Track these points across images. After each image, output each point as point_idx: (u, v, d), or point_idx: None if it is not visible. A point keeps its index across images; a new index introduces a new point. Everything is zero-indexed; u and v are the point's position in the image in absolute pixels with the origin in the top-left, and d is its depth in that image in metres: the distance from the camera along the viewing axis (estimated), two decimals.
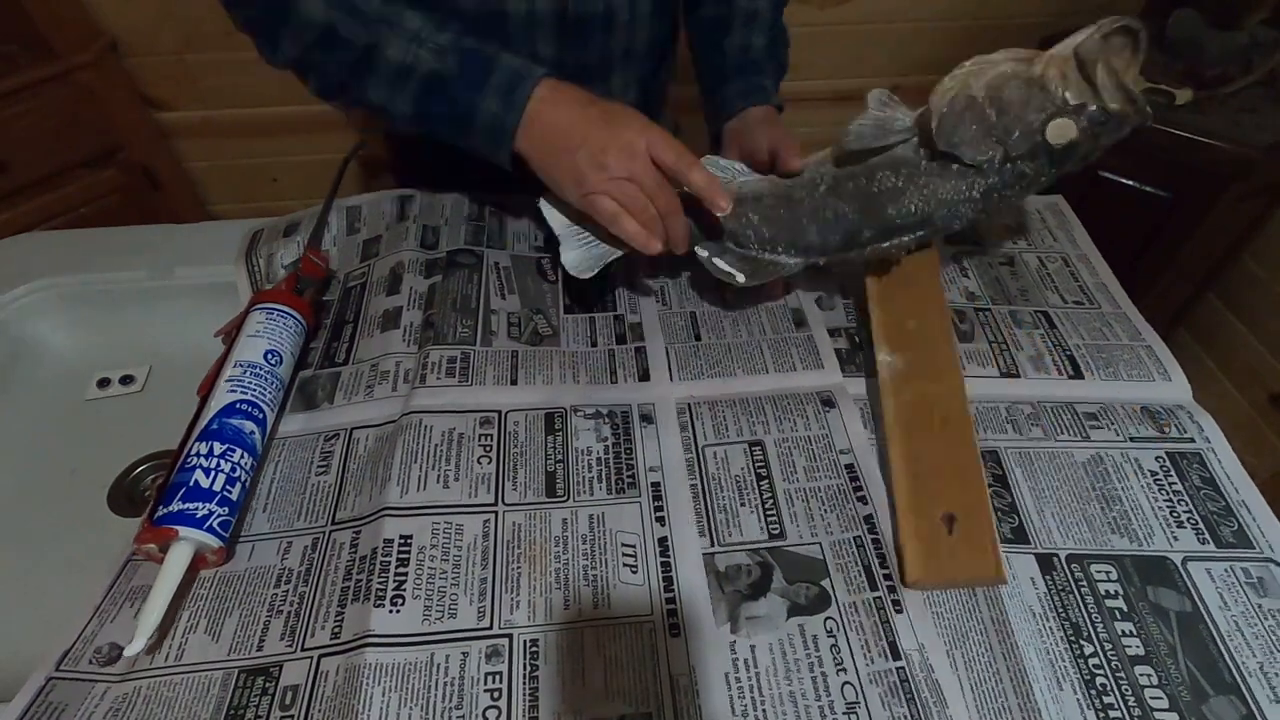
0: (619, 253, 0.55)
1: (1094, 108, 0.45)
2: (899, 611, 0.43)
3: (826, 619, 0.42)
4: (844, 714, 0.39)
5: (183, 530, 0.43)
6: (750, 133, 0.64)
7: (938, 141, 0.48)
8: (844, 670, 0.41)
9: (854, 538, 0.46)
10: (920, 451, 0.46)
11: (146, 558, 0.45)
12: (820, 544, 0.46)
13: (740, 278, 0.55)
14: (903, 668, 0.41)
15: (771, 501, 0.48)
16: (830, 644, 0.42)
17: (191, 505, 0.43)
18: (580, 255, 0.55)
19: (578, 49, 0.59)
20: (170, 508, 0.43)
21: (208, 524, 0.43)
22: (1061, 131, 0.46)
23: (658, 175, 0.51)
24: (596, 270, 0.55)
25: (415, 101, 0.53)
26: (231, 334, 0.54)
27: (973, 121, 0.47)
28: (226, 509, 0.45)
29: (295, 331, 0.55)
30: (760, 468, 0.50)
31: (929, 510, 0.44)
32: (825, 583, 0.44)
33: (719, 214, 0.53)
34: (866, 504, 0.47)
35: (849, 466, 0.49)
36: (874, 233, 0.52)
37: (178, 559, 0.42)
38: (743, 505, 0.48)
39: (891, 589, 0.44)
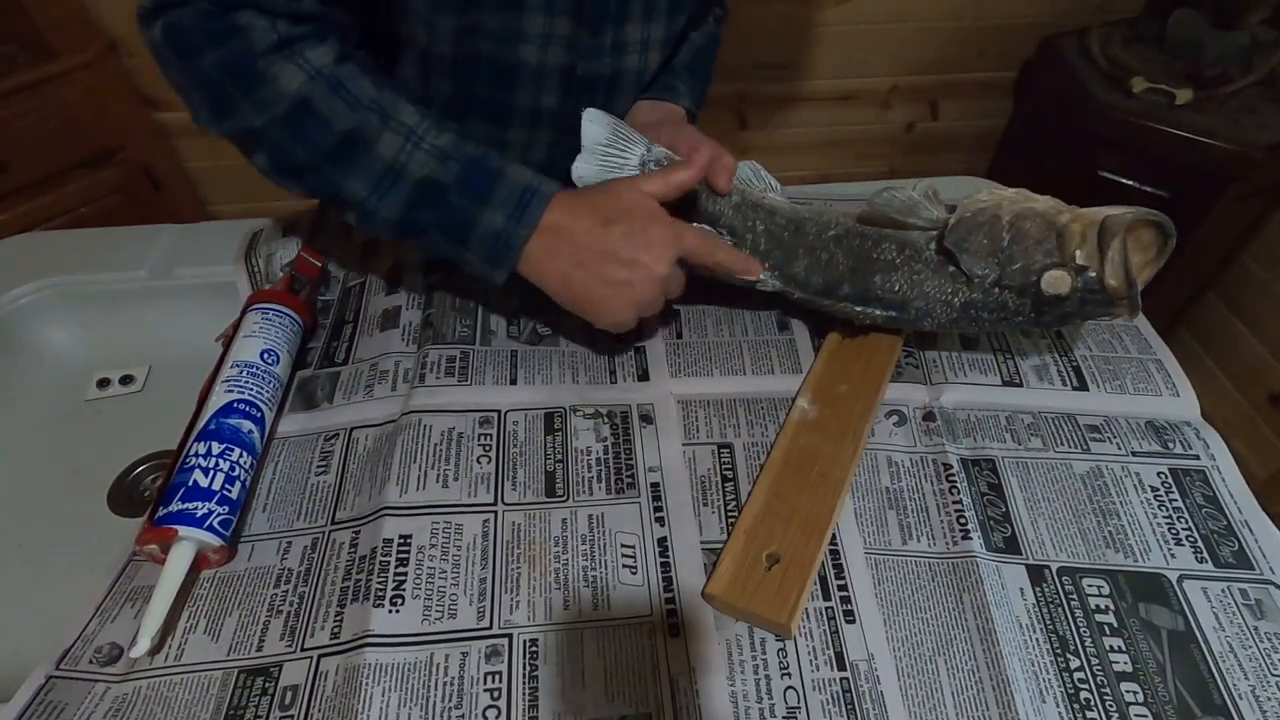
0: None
1: (1093, 274, 0.47)
2: (850, 622, 0.43)
3: None
4: (784, 718, 0.39)
5: (183, 530, 0.43)
6: (676, 131, 0.60)
7: (946, 238, 0.50)
8: (788, 675, 0.41)
9: None
10: (785, 492, 0.47)
11: (149, 558, 0.45)
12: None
13: None
14: (847, 678, 0.41)
15: (735, 504, 0.48)
16: (778, 648, 0.42)
17: (191, 505, 0.44)
18: (594, 172, 0.55)
19: (582, 104, 0.59)
20: (170, 508, 0.43)
21: (208, 523, 0.43)
22: (1055, 282, 0.47)
23: (681, 279, 0.52)
24: None
25: (403, 207, 0.47)
26: (229, 337, 0.54)
27: (986, 237, 0.49)
28: (226, 508, 0.45)
29: (292, 331, 0.55)
30: (726, 469, 0.50)
31: (760, 542, 0.44)
32: None
33: (723, 200, 0.55)
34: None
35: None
36: (852, 292, 0.53)
37: (179, 559, 0.42)
38: (705, 505, 0.48)
39: (845, 599, 0.44)
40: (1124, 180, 1.21)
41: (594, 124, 0.55)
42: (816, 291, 0.54)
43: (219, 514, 0.44)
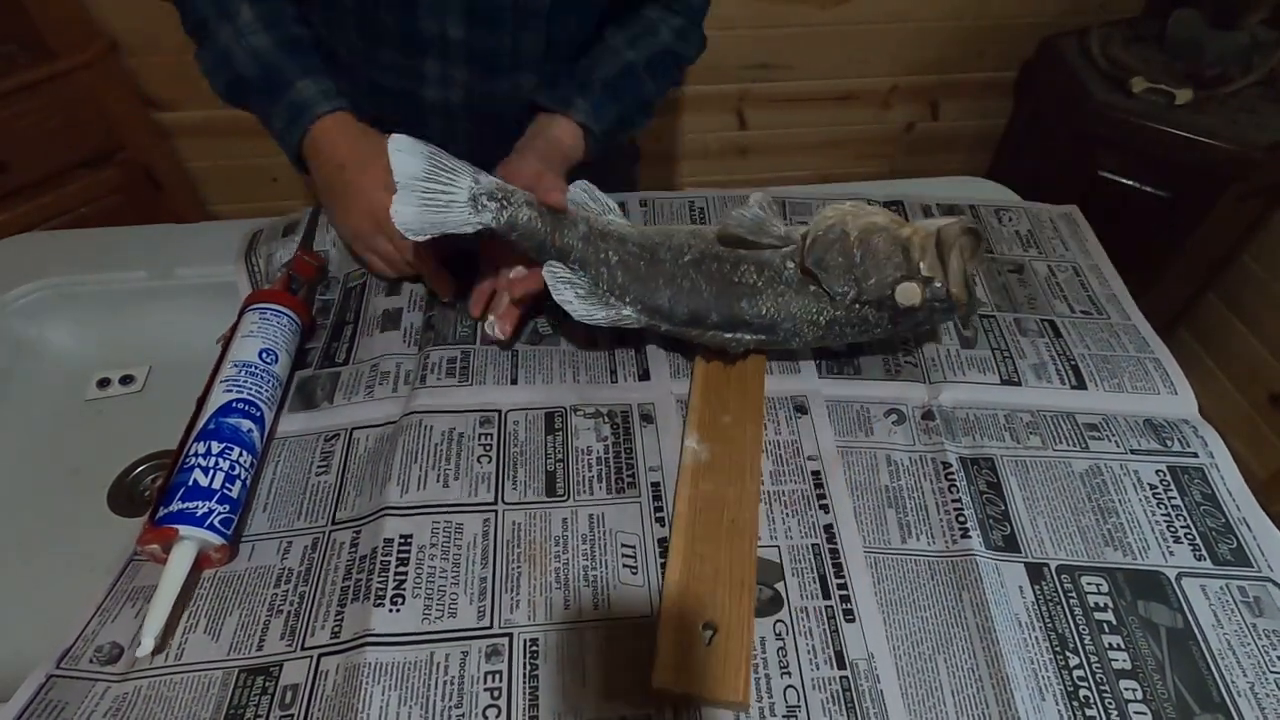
0: (465, 228, 0.49)
1: (938, 285, 0.50)
2: (850, 621, 0.43)
3: (776, 622, 0.43)
4: (784, 717, 0.39)
5: (184, 529, 0.43)
6: (516, 156, 0.58)
7: (806, 258, 0.50)
8: (788, 674, 0.41)
9: (812, 545, 0.46)
10: (702, 549, 0.44)
11: (150, 558, 0.45)
12: (779, 548, 0.46)
13: (579, 310, 0.51)
14: (846, 676, 0.41)
15: None
16: (778, 647, 0.42)
17: (191, 504, 0.44)
18: (415, 214, 0.48)
19: (486, 34, 0.59)
20: (170, 508, 0.43)
21: (208, 522, 0.43)
22: (908, 294, 0.50)
23: (398, 245, 0.58)
24: (429, 236, 0.48)
25: (227, 87, 0.59)
26: (228, 339, 0.54)
27: (840, 254, 0.50)
28: (227, 506, 0.45)
29: (290, 330, 0.55)
30: None
31: (691, 612, 0.42)
32: (780, 586, 0.44)
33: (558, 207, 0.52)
34: (828, 513, 0.47)
35: (815, 473, 0.49)
36: (721, 320, 0.52)
37: (180, 559, 0.42)
38: None
39: (844, 598, 0.44)
40: (1124, 180, 1.21)
41: (403, 154, 0.48)
42: (684, 322, 0.52)
43: (220, 513, 0.44)
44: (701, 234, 0.54)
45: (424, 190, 0.48)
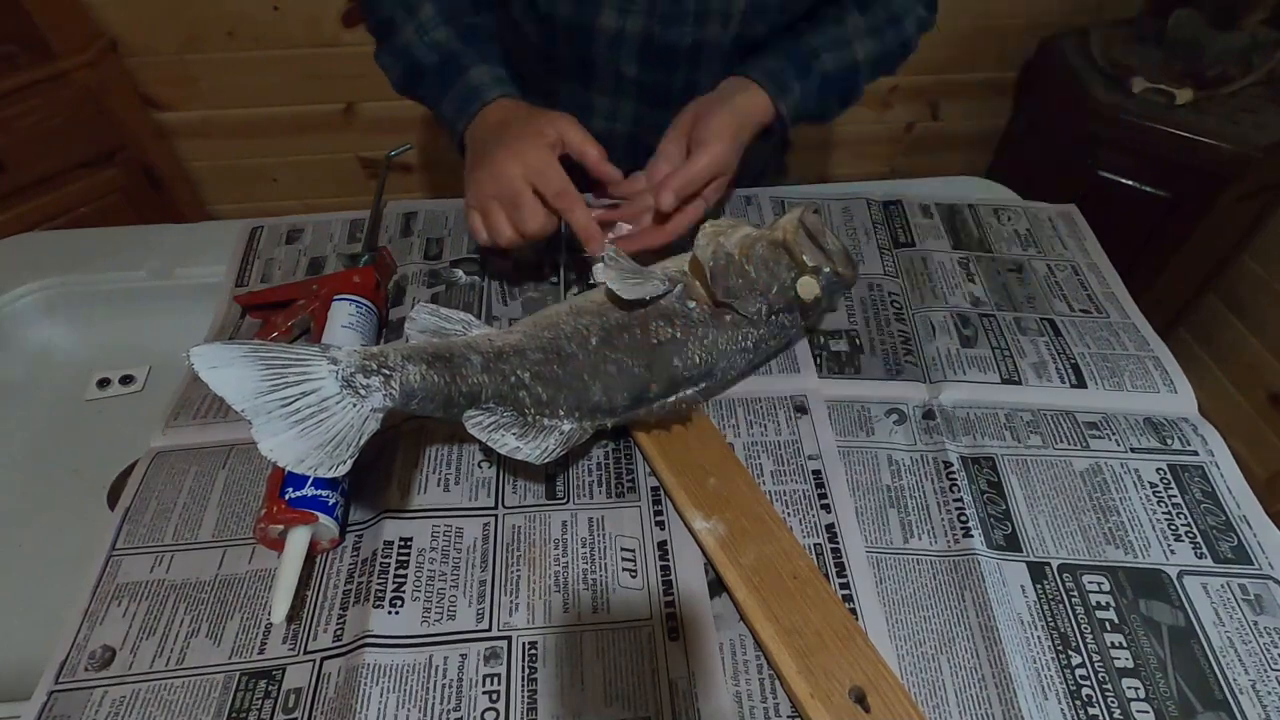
0: (366, 430, 0.40)
1: (828, 270, 0.50)
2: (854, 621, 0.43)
3: None
4: (789, 716, 0.39)
5: (322, 517, 0.44)
6: (705, 108, 0.55)
7: (717, 293, 0.49)
8: None
9: (814, 545, 0.46)
10: (791, 620, 0.41)
11: (260, 539, 0.44)
12: None
13: (531, 453, 0.44)
14: None
15: None
16: None
17: (323, 492, 0.44)
18: (294, 441, 0.37)
19: (661, 74, 0.59)
20: (303, 491, 0.43)
21: (336, 511, 0.45)
22: (808, 289, 0.50)
23: (552, 187, 0.50)
24: (338, 468, 0.39)
25: (403, 77, 0.60)
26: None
27: (738, 276, 0.50)
28: (342, 496, 0.46)
29: (374, 329, 0.57)
30: None
31: (833, 691, 0.39)
32: None
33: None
34: (830, 512, 0.47)
35: (816, 473, 0.49)
36: (661, 387, 0.48)
37: (300, 542, 0.43)
38: None
39: (847, 598, 0.43)
40: (1124, 180, 1.21)
41: (220, 370, 0.36)
42: (627, 407, 0.48)
43: (340, 502, 0.46)
44: (585, 310, 0.49)
45: (281, 406, 0.37)
